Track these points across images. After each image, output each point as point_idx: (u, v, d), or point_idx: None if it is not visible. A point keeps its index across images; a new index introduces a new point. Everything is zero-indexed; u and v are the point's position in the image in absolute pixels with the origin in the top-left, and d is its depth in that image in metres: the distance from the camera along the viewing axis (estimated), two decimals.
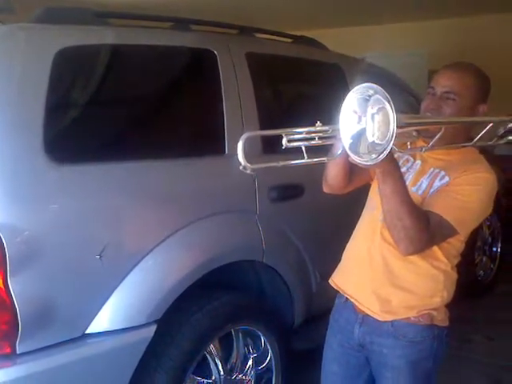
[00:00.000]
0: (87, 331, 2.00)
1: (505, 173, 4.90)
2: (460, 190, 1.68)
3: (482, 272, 4.64)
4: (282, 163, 1.60)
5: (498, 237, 4.79)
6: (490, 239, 4.73)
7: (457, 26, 6.76)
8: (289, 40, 3.24)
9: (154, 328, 2.11)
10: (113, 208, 2.08)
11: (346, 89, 1.46)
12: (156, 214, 2.22)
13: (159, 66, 2.42)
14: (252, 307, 2.56)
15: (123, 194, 2.12)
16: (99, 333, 2.01)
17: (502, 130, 1.87)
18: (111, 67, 2.22)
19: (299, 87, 3.21)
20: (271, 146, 1.66)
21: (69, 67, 2.07)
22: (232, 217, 2.48)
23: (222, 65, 2.53)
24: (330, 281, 2.00)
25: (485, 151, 1.81)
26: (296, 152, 1.60)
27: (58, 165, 1.94)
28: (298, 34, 3.33)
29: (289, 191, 2.69)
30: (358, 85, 1.43)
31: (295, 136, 1.56)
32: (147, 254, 2.13)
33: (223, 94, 2.51)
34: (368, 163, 1.42)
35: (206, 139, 2.51)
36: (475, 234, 4.40)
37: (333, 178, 1.87)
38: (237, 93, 2.57)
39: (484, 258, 4.66)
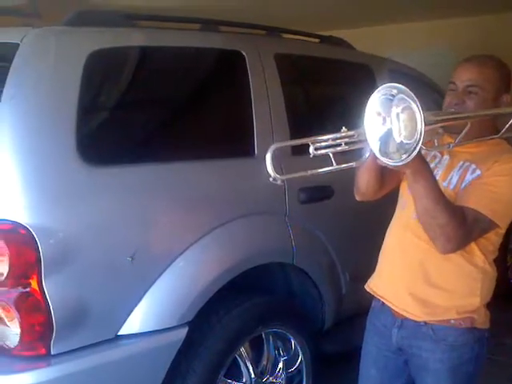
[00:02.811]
0: (120, 333, 2.01)
1: None
2: (493, 181, 1.65)
3: None
4: (310, 172, 1.63)
5: None
6: None
7: (486, 24, 6.65)
8: (316, 40, 3.22)
9: (185, 330, 2.11)
10: (144, 210, 2.08)
11: (375, 89, 1.47)
12: (187, 216, 2.22)
13: (189, 68, 2.43)
14: (282, 310, 2.55)
15: (154, 196, 2.12)
16: (131, 334, 2.02)
17: None
18: (142, 69, 2.24)
19: (328, 88, 3.19)
20: (300, 148, 1.66)
21: (101, 69, 2.09)
22: (262, 219, 2.46)
23: (250, 66, 2.52)
24: (365, 286, 1.97)
25: None
26: (325, 154, 1.59)
27: (90, 167, 1.95)
28: (324, 34, 3.31)
29: (318, 193, 2.67)
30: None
31: (322, 143, 1.55)
32: (178, 256, 2.13)
33: (252, 96, 2.50)
34: (398, 164, 1.40)
35: (235, 141, 2.51)
36: (507, 237, 4.30)
37: (364, 185, 1.84)
38: (266, 94, 2.56)
39: None
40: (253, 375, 2.40)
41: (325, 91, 3.16)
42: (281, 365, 2.55)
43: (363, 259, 2.03)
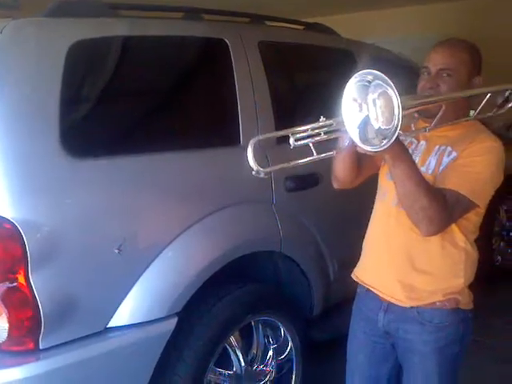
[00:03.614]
0: (109, 325, 2.00)
1: None
2: (469, 162, 1.68)
3: (499, 257, 4.60)
4: (292, 163, 1.62)
5: None
6: (507, 224, 4.68)
7: (470, 8, 6.67)
8: (301, 27, 3.21)
9: (175, 320, 2.11)
10: (130, 201, 2.08)
11: None
12: (173, 206, 2.22)
13: (173, 57, 2.41)
14: (271, 298, 2.55)
15: (141, 187, 2.12)
16: (121, 326, 2.02)
17: (500, 100, 1.87)
18: (125, 59, 2.21)
19: (312, 75, 3.18)
20: (285, 137, 1.66)
21: (83, 60, 2.07)
22: (249, 207, 2.47)
23: (234, 54, 2.51)
24: (352, 275, 1.99)
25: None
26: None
27: (75, 159, 1.94)
28: (308, 20, 3.29)
29: (305, 180, 2.67)
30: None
31: (302, 134, 1.55)
32: (166, 246, 2.12)
33: (236, 84, 2.49)
34: (378, 150, 1.40)
35: (220, 130, 2.50)
36: (492, 219, 4.36)
37: (341, 173, 1.87)
38: (250, 82, 2.54)
39: (502, 244, 4.63)
40: (243, 364, 2.41)
41: (310, 78, 3.15)
42: (270, 353, 2.57)
43: (351, 246, 2.04)
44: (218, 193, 2.35)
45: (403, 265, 1.79)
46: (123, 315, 2.02)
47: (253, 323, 2.49)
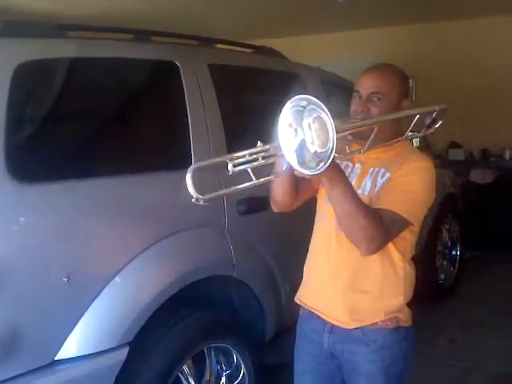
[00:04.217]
0: (56, 358, 1.93)
1: (459, 177, 5.04)
2: (403, 181, 1.72)
3: (442, 275, 4.71)
4: (233, 188, 1.61)
5: (457, 240, 4.89)
6: (449, 243, 4.82)
7: (411, 33, 6.94)
8: (249, 50, 3.22)
9: (126, 350, 2.05)
10: (79, 228, 2.01)
11: None
12: (123, 231, 2.16)
13: (122, 79, 2.37)
14: (224, 324, 2.52)
15: (89, 213, 2.05)
16: (69, 359, 1.94)
17: (428, 121, 1.94)
18: (73, 81, 2.16)
19: (261, 97, 3.19)
20: None
21: (30, 82, 2.00)
22: (201, 232, 2.43)
23: (185, 77, 2.49)
24: (295, 299, 1.99)
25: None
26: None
27: (21, 184, 1.87)
28: (256, 42, 3.32)
29: (256, 204, 2.65)
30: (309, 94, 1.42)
31: (240, 160, 1.54)
32: (116, 274, 2.06)
33: (187, 107, 2.47)
34: (315, 173, 1.41)
35: (171, 153, 2.46)
36: (435, 238, 4.48)
37: (280, 197, 1.87)
38: (201, 105, 2.53)
39: (444, 262, 4.75)
40: None
41: (259, 100, 3.16)
42: (223, 379, 2.52)
43: (302, 269, 2.04)
44: (169, 217, 2.31)
45: (346, 287, 1.80)
46: (72, 347, 1.95)
47: (205, 350, 2.44)
